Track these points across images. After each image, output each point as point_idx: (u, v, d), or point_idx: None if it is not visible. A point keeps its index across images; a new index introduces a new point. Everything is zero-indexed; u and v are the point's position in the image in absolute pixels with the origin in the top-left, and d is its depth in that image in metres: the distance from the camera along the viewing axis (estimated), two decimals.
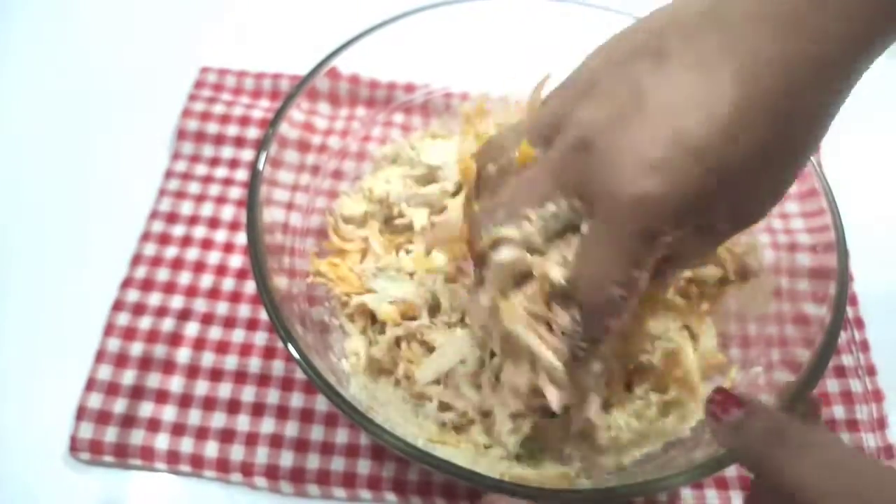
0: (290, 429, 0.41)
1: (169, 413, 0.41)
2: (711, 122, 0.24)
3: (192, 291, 0.45)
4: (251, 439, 0.40)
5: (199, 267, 0.47)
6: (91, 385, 0.41)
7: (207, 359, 0.43)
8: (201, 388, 0.42)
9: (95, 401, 0.41)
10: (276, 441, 0.40)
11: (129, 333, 0.43)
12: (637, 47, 0.26)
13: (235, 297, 0.45)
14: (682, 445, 0.37)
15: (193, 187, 0.50)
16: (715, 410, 0.27)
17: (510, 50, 0.48)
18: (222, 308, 0.45)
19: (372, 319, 0.42)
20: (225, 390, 0.42)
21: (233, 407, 0.41)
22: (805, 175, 0.41)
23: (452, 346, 0.38)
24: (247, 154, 0.52)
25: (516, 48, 0.48)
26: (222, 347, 0.43)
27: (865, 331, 0.47)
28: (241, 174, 0.51)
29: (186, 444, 0.40)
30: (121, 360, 0.42)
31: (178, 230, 0.48)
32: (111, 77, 0.57)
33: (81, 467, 0.40)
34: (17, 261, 0.47)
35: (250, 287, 0.46)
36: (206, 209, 0.49)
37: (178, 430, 0.41)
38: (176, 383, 0.42)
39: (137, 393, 0.41)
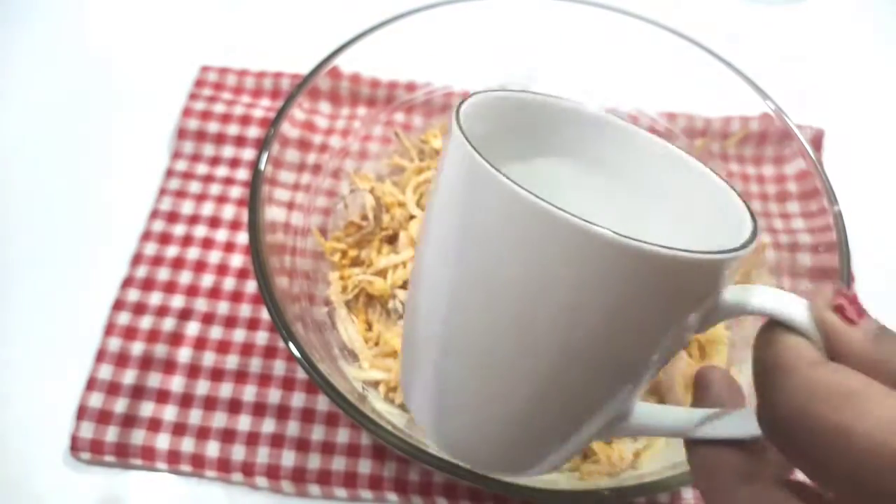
0: (292, 428, 0.41)
1: (170, 413, 0.41)
2: None
3: (192, 291, 0.45)
4: (252, 439, 0.40)
5: (199, 266, 0.46)
6: (91, 384, 0.41)
7: (208, 358, 0.43)
8: (202, 387, 0.42)
9: (96, 400, 0.41)
10: (277, 441, 0.40)
11: (130, 333, 0.43)
12: None
13: (236, 297, 0.45)
14: None
15: (194, 186, 0.50)
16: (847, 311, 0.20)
17: (510, 50, 0.48)
18: (223, 307, 0.45)
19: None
20: (226, 390, 0.42)
21: (234, 407, 0.41)
22: (806, 175, 0.41)
23: None
24: (248, 153, 0.52)
25: (516, 48, 0.48)
26: (223, 347, 0.43)
27: None
28: (242, 173, 0.51)
29: (187, 444, 0.40)
30: (121, 360, 0.42)
31: (179, 229, 0.48)
32: (111, 76, 0.57)
33: (82, 467, 0.40)
34: (17, 261, 0.47)
35: (251, 286, 0.46)
36: (207, 208, 0.49)
37: (178, 429, 0.40)
38: (177, 383, 0.42)
39: (138, 392, 0.41)
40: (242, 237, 0.48)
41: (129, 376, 0.42)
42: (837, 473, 0.18)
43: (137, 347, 0.43)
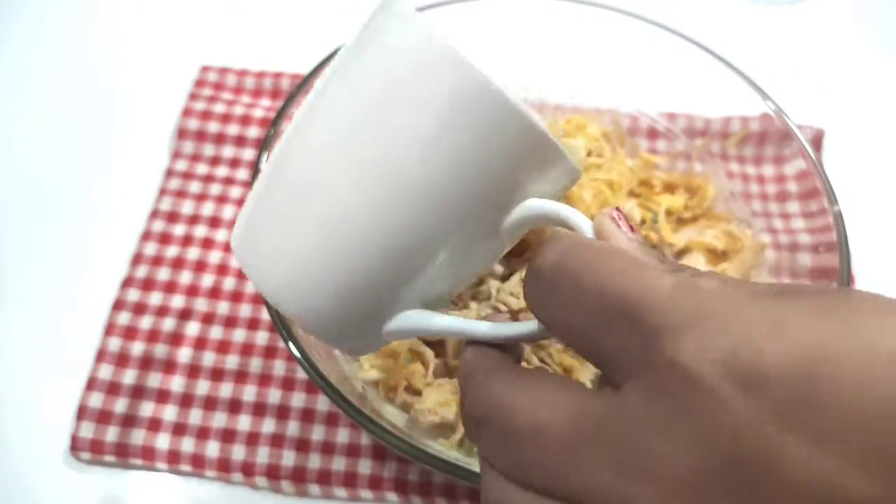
0: (292, 428, 0.41)
1: (170, 413, 0.41)
2: None
3: (192, 291, 0.45)
4: (252, 439, 0.40)
5: (199, 266, 0.46)
6: (92, 384, 0.41)
7: (208, 358, 0.43)
8: (202, 387, 0.42)
9: (96, 400, 0.41)
10: (277, 441, 0.40)
11: (130, 333, 0.43)
12: None
13: (236, 297, 0.45)
14: None
15: (194, 186, 0.50)
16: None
17: (510, 50, 0.48)
18: (223, 307, 0.45)
19: None
20: (226, 390, 0.42)
21: (234, 407, 0.41)
22: (806, 175, 0.41)
23: None
24: (248, 153, 0.52)
25: (516, 48, 0.48)
26: (223, 347, 0.43)
27: None
28: (242, 173, 0.51)
29: (187, 444, 0.40)
30: (121, 360, 0.42)
31: (179, 229, 0.48)
32: (111, 76, 0.57)
33: (82, 467, 0.40)
34: (17, 261, 0.47)
35: (251, 286, 0.46)
36: (207, 208, 0.49)
37: (178, 429, 0.41)
38: (177, 383, 0.42)
39: (138, 392, 0.41)
40: None
41: (129, 376, 0.42)
42: (584, 316, 0.19)
43: (137, 347, 0.43)
